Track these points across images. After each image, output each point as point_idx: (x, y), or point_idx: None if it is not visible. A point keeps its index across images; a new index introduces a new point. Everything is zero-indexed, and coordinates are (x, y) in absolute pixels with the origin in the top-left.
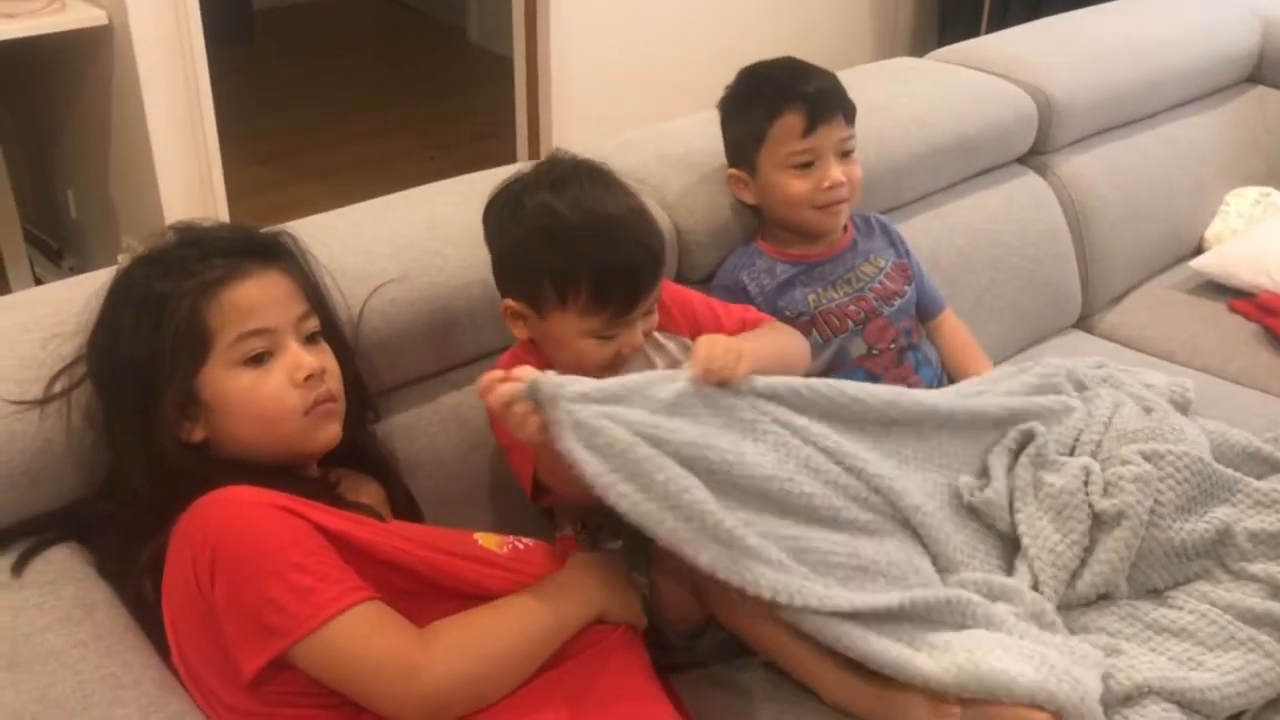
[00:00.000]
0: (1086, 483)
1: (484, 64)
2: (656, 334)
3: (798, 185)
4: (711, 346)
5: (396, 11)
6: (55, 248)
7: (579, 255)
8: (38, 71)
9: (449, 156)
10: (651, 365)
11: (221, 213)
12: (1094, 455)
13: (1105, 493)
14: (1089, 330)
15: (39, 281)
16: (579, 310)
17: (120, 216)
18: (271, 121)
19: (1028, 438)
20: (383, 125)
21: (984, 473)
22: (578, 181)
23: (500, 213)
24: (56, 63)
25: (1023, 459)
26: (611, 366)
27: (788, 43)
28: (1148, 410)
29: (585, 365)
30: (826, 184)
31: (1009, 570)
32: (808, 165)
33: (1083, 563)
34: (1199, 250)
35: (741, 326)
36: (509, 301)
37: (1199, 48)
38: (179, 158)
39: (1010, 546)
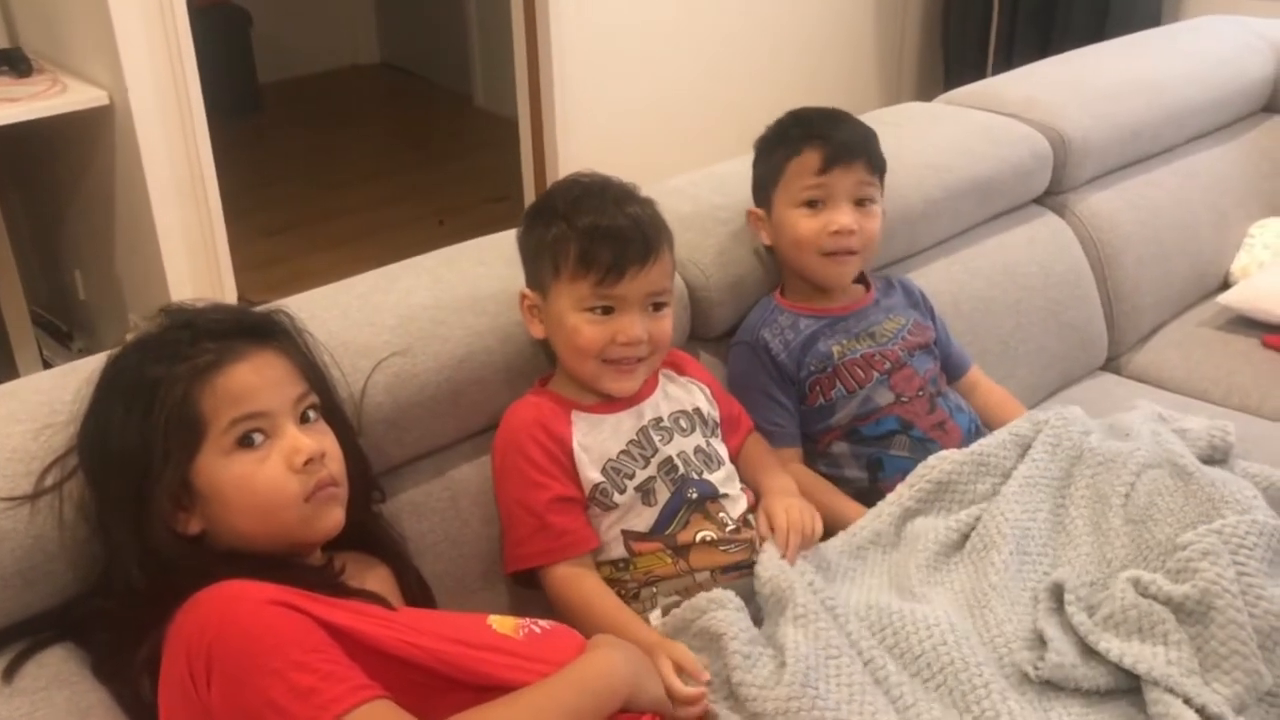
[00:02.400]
0: (1144, 591)
1: (491, 128)
2: (680, 377)
3: (805, 224)
4: (790, 514)
5: (403, 79)
6: (64, 330)
7: (571, 220)
8: (42, 153)
9: (459, 220)
10: (670, 399)
11: (229, 287)
12: (1141, 557)
13: (1176, 581)
14: (1118, 372)
15: (47, 365)
16: (570, 275)
17: (128, 295)
18: (280, 192)
19: (1058, 590)
20: (392, 192)
21: (1038, 641)
22: (595, 185)
23: (528, 215)
24: (60, 144)
25: (1070, 608)
26: (615, 367)
27: (793, 92)
28: (1183, 474)
29: (582, 346)
30: (833, 227)
31: None
32: (817, 204)
33: (1204, 667)
34: (1225, 285)
35: (738, 424)
36: (525, 291)
37: (1213, 79)
38: (184, 234)
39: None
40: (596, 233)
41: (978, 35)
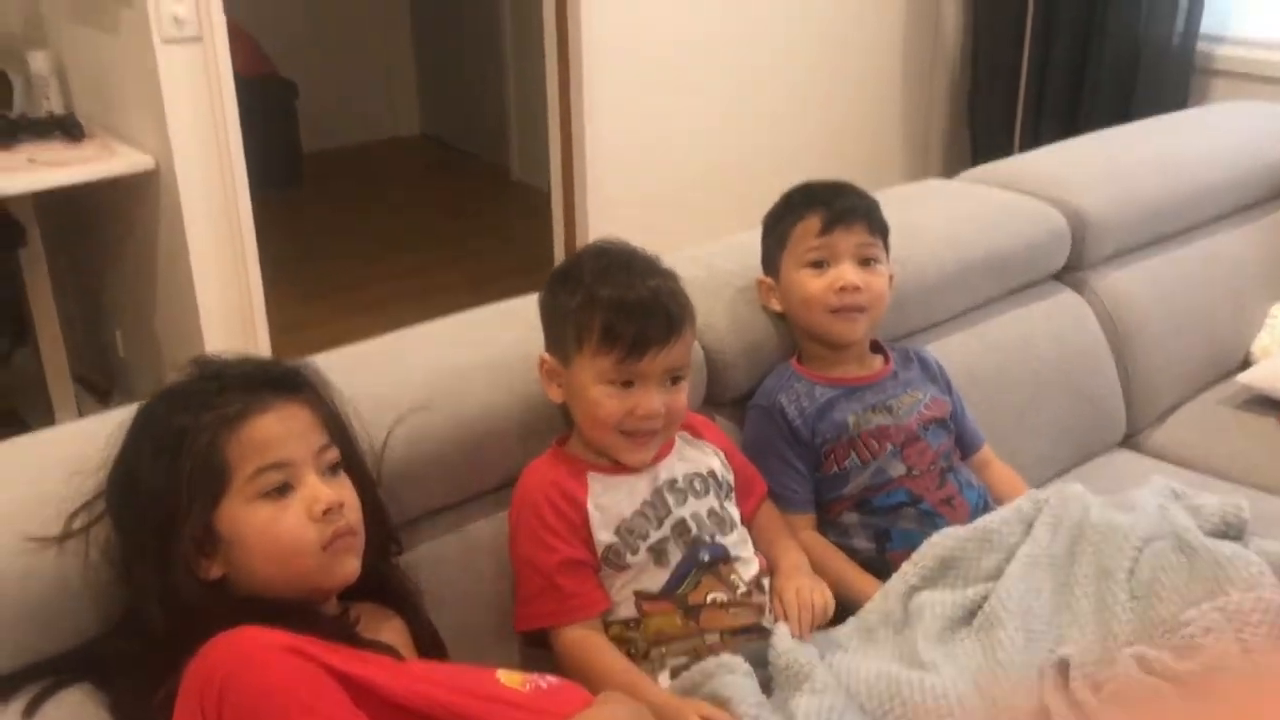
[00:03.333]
0: (1149, 668)
1: (526, 199)
2: (695, 440)
3: (812, 283)
4: (800, 595)
5: (441, 151)
6: (104, 387)
7: (596, 292)
8: (89, 215)
9: (491, 289)
10: (685, 461)
11: (264, 349)
12: (1146, 633)
13: (1180, 658)
14: (1136, 449)
15: None
16: (593, 349)
17: (166, 355)
18: (319, 259)
19: (1064, 665)
20: (427, 261)
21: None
22: (621, 256)
23: (551, 280)
24: (107, 207)
25: (1075, 684)
26: (631, 438)
27: (820, 167)
28: (1187, 549)
29: (601, 418)
30: (839, 285)
31: None
32: (822, 265)
33: None
34: (1245, 364)
35: (752, 488)
36: (544, 356)
37: (1234, 161)
38: (222, 296)
39: None
40: (621, 309)
41: (1004, 114)
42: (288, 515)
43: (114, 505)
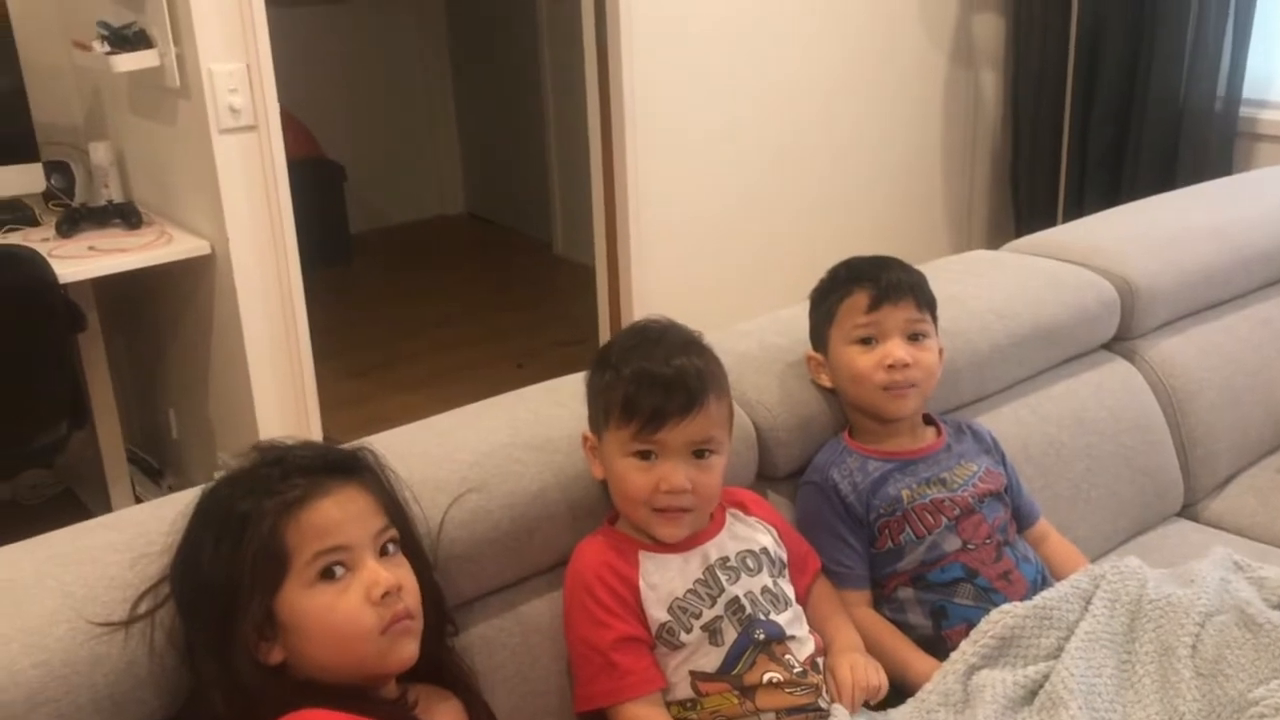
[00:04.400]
0: None
1: (569, 274)
2: (747, 517)
3: (861, 360)
4: (854, 672)
5: (486, 228)
6: (156, 467)
7: (621, 369)
8: (145, 298)
9: (536, 363)
10: (737, 539)
11: (315, 427)
12: (1213, 712)
13: None
14: (1194, 518)
15: (139, 500)
16: (616, 422)
17: (218, 435)
18: (367, 336)
19: None
20: (472, 336)
21: None
22: (653, 333)
23: (594, 360)
24: (162, 290)
25: None
26: (662, 515)
27: (863, 241)
28: (1251, 625)
29: (630, 494)
30: (888, 361)
31: None
32: (870, 341)
33: None
34: None
35: (806, 565)
36: (585, 433)
37: None
38: (274, 377)
39: None
40: (640, 383)
41: (1047, 184)
42: (346, 599)
43: (177, 591)
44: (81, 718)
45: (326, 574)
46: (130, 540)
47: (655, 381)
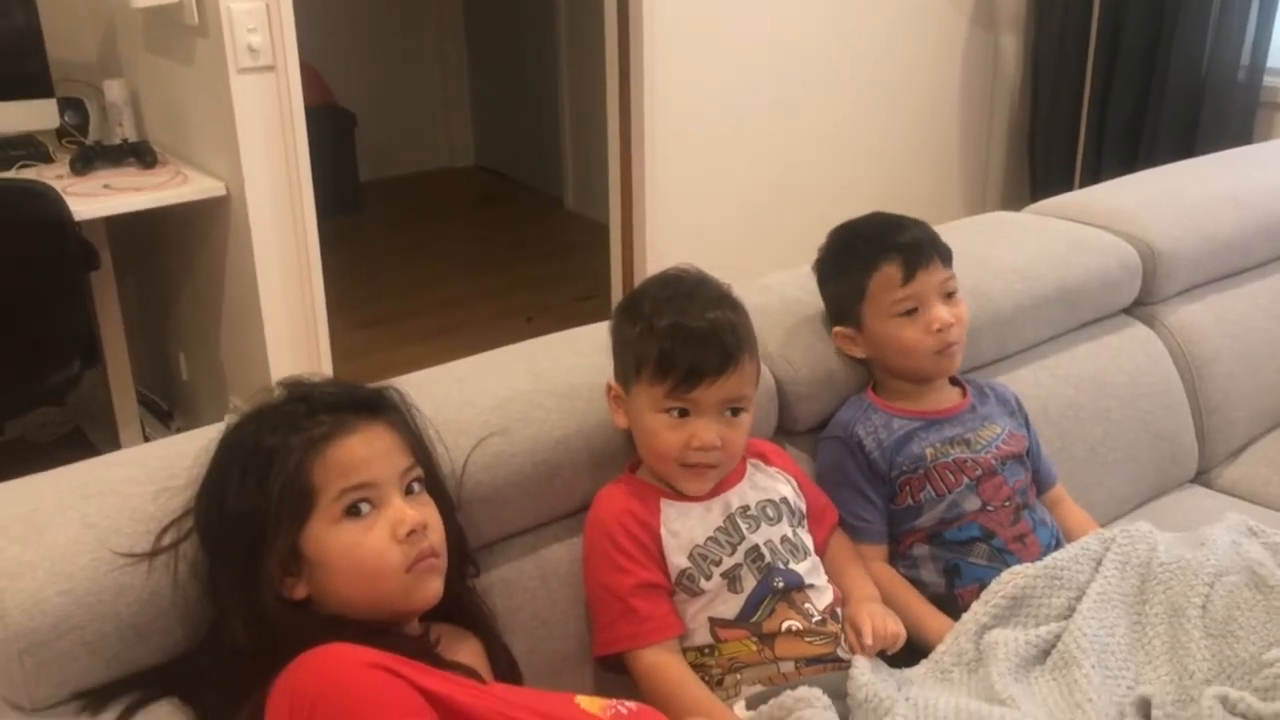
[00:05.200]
0: (1233, 709)
1: (580, 229)
2: (767, 467)
3: (909, 333)
4: (874, 620)
5: (496, 182)
6: (165, 409)
7: (654, 322)
8: (159, 239)
9: (547, 318)
10: (758, 488)
11: (327, 374)
12: (1224, 672)
13: (1264, 699)
14: (1208, 485)
15: (149, 441)
16: (649, 377)
17: (229, 378)
18: (376, 287)
19: (1145, 705)
20: (482, 289)
21: None
22: (686, 285)
23: (620, 307)
24: (177, 231)
25: None
26: (689, 470)
27: (879, 201)
28: (1263, 586)
29: (659, 450)
30: (936, 326)
31: None
32: (913, 311)
33: None
34: None
35: (824, 517)
36: (610, 383)
37: None
38: (287, 322)
39: None
40: (676, 339)
41: (1064, 150)
42: (372, 536)
43: (202, 525)
44: (106, 645)
45: (352, 511)
46: (151, 474)
47: (691, 337)
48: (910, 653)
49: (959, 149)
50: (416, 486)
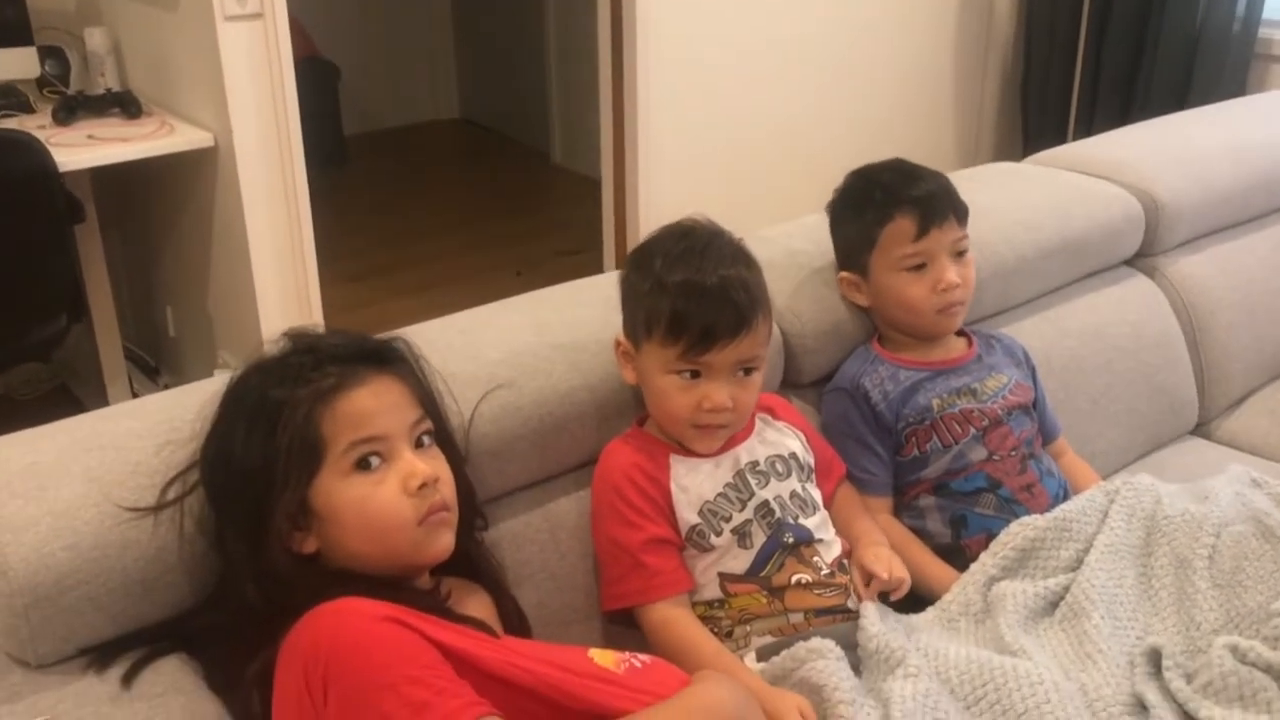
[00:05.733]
0: (1243, 658)
1: (568, 184)
2: (776, 421)
3: (914, 289)
4: (878, 563)
5: (482, 135)
6: (152, 365)
7: (666, 279)
8: (143, 192)
9: (535, 272)
10: (766, 444)
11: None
12: (1232, 622)
13: (1274, 648)
14: (1207, 436)
15: (136, 397)
16: (660, 338)
17: (217, 334)
18: (363, 240)
19: (1155, 655)
20: (469, 243)
21: (1138, 707)
22: (699, 239)
23: (630, 259)
24: (162, 184)
25: (1168, 674)
26: (700, 430)
27: (871, 152)
28: (1270, 536)
29: (670, 410)
30: (942, 285)
31: None
32: (921, 267)
33: None
34: None
35: (831, 470)
36: (619, 338)
37: None
38: (277, 275)
39: None
40: (690, 300)
41: (1058, 102)
42: (382, 490)
43: (208, 478)
44: (112, 600)
45: (362, 464)
46: (153, 428)
47: (705, 297)
48: (915, 603)
49: (953, 100)
50: (426, 439)
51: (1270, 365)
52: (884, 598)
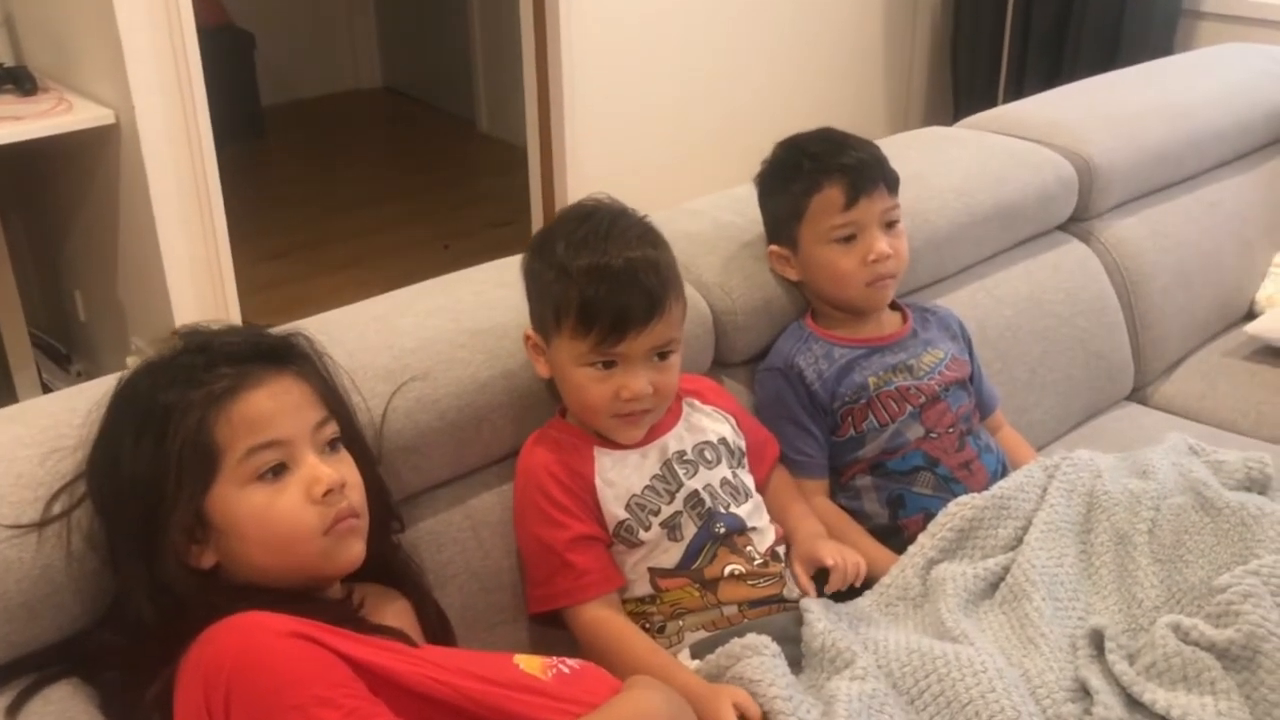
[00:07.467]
0: (1185, 637)
1: (495, 153)
2: (704, 406)
3: (844, 261)
4: (844, 555)
5: (405, 104)
6: (63, 352)
7: (569, 266)
8: (44, 172)
9: (464, 244)
10: (694, 430)
11: (233, 310)
12: (1173, 598)
13: (1217, 625)
14: (1143, 402)
15: (46, 388)
16: (570, 331)
17: (129, 318)
18: (284, 216)
19: (1097, 637)
20: (396, 216)
21: (1081, 692)
22: (603, 221)
23: (532, 246)
24: (63, 163)
25: (1111, 657)
26: (621, 419)
27: (801, 117)
28: (1210, 508)
29: (588, 403)
30: (872, 256)
31: None
32: (851, 239)
33: (1255, 716)
34: (1251, 314)
35: (765, 453)
36: (528, 332)
37: (1234, 106)
38: (188, 256)
39: None
40: (597, 286)
41: (988, 63)
42: (284, 499)
43: (96, 490)
44: None
45: (262, 472)
46: (38, 435)
47: (612, 283)
48: (852, 589)
49: (883, 65)
50: (332, 441)
51: (1203, 328)
52: (836, 595)
